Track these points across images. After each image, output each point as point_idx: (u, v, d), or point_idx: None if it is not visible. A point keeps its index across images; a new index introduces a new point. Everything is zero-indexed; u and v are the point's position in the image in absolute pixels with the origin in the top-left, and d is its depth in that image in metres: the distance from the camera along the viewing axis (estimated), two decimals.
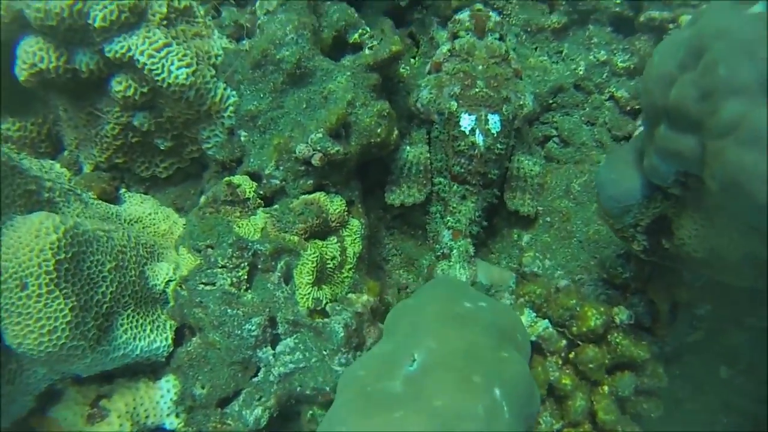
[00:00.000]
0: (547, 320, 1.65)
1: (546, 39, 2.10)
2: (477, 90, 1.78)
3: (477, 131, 1.76)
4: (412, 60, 2.14)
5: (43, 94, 1.92)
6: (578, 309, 1.63)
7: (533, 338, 1.62)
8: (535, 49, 2.10)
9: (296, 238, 1.67)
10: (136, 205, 1.97)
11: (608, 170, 1.41)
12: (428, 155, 1.90)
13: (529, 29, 2.10)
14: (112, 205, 1.91)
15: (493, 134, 1.77)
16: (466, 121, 1.76)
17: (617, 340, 1.61)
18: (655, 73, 1.20)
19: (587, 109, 2.05)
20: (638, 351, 1.60)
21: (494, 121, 1.76)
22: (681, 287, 1.70)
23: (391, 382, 1.26)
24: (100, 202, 1.88)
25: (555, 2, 2.07)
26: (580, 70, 2.04)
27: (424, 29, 2.14)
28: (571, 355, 1.65)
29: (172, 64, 1.74)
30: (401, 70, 2.02)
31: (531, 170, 1.92)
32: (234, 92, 1.84)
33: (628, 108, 2.00)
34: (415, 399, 1.18)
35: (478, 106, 1.77)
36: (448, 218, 1.88)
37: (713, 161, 1.10)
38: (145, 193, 2.03)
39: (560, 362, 1.63)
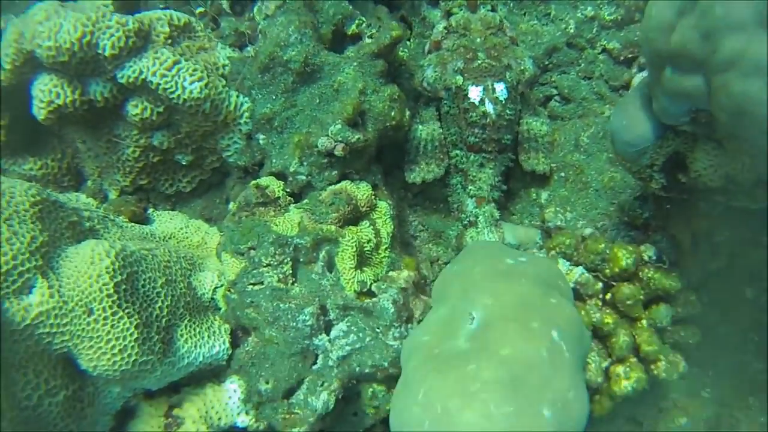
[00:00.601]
0: (581, 267, 1.81)
1: (533, 3, 2.24)
2: (479, 62, 1.92)
3: (486, 101, 1.91)
4: (407, 42, 2.27)
5: (59, 130, 2.03)
6: (608, 252, 1.79)
7: (571, 285, 1.78)
8: (524, 14, 2.25)
9: (333, 228, 1.81)
10: (166, 222, 2.10)
11: (620, 117, 1.57)
12: (441, 131, 2.04)
13: None
14: (144, 226, 2.03)
15: (501, 101, 1.92)
16: (475, 93, 1.91)
17: (649, 275, 1.78)
18: (654, 23, 1.35)
19: (582, 64, 2.21)
20: (670, 282, 1.77)
21: (501, 89, 1.91)
22: (699, 219, 1.87)
23: (456, 341, 1.41)
24: (134, 224, 2.00)
25: None
26: (570, 28, 2.20)
27: (414, 11, 2.28)
28: (608, 296, 1.82)
29: (184, 80, 1.87)
30: (400, 53, 2.16)
31: (540, 130, 2.07)
32: (246, 98, 1.97)
33: (621, 58, 2.16)
34: (483, 351, 1.34)
35: (484, 77, 1.91)
36: (470, 187, 2.03)
37: (720, 94, 1.25)
38: (172, 209, 2.16)
39: (600, 304, 1.80)
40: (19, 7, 2.33)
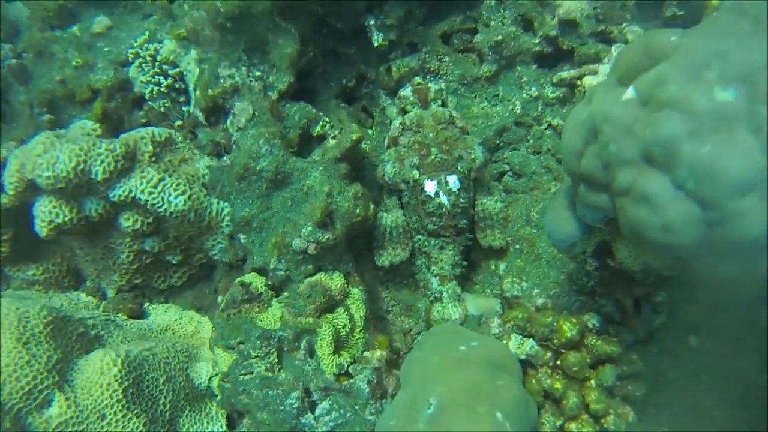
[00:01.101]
0: (531, 339, 2.15)
1: (482, 87, 2.59)
2: (433, 157, 2.26)
3: (441, 193, 2.25)
4: (369, 131, 2.62)
5: (58, 239, 2.37)
6: (555, 324, 2.13)
7: (523, 356, 2.12)
8: (475, 97, 2.60)
9: (311, 320, 2.15)
10: (162, 314, 2.43)
11: (551, 218, 1.91)
12: (403, 218, 2.38)
13: (465, 81, 2.59)
14: (142, 321, 2.37)
15: (455, 192, 2.25)
16: (430, 187, 2.25)
17: (593, 342, 2.12)
18: (567, 149, 1.69)
19: (531, 141, 2.54)
20: (611, 347, 2.11)
21: (453, 181, 2.25)
22: (637, 285, 2.21)
23: (417, 425, 1.75)
24: (132, 321, 2.34)
25: (482, 53, 2.56)
26: (517, 108, 2.54)
27: (373, 101, 2.63)
28: (558, 362, 2.15)
29: (169, 195, 2.20)
30: (362, 145, 2.50)
31: (494, 208, 2.41)
32: (226, 203, 2.31)
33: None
34: None
35: (437, 171, 2.25)
36: (433, 267, 2.37)
37: (620, 214, 1.59)
38: (166, 302, 2.50)
39: (549, 371, 2.14)
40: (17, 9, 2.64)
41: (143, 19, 2.64)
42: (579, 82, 2.38)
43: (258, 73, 2.32)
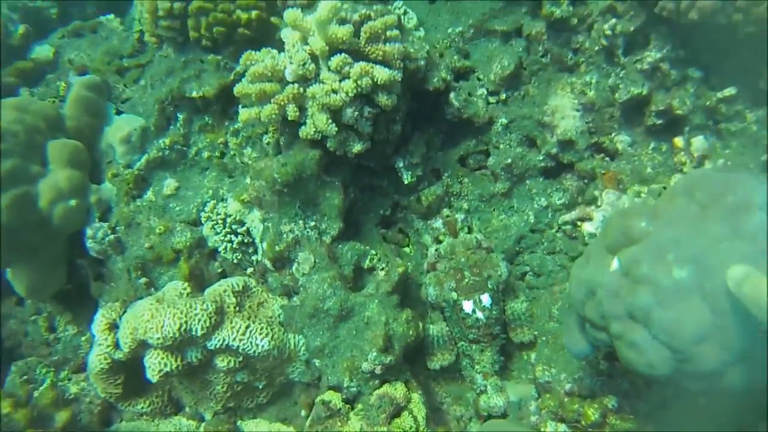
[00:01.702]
0: (564, 423, 2.79)
1: (499, 201, 3.22)
2: (467, 280, 2.89)
3: (476, 310, 2.88)
4: (407, 249, 3.26)
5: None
6: (581, 409, 2.77)
7: None
8: (494, 210, 3.22)
9: (384, 428, 2.80)
10: (254, 428, 3.08)
11: (568, 338, 2.54)
12: (447, 328, 3.02)
13: (484, 198, 3.22)
14: None
15: (488, 308, 2.89)
16: (467, 306, 2.88)
17: (613, 421, 2.76)
18: (573, 299, 2.32)
19: (545, 243, 3.17)
20: (628, 424, 2.75)
21: (486, 299, 2.88)
22: None
23: None
24: None
25: (496, 173, 3.18)
26: (531, 218, 3.16)
27: (408, 224, 3.27)
28: None
29: (256, 339, 2.84)
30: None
31: (520, 309, 3.04)
32: (301, 336, 2.95)
33: (573, 235, 3.12)
34: None
35: (472, 292, 2.89)
36: (476, 366, 3.01)
37: (616, 350, 2.22)
38: (254, 418, 3.14)
39: None
40: (107, 189, 3.29)
41: (202, 173, 3.28)
42: (579, 224, 3.01)
43: (313, 223, 2.95)
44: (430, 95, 3.16)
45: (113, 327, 2.92)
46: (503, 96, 3.23)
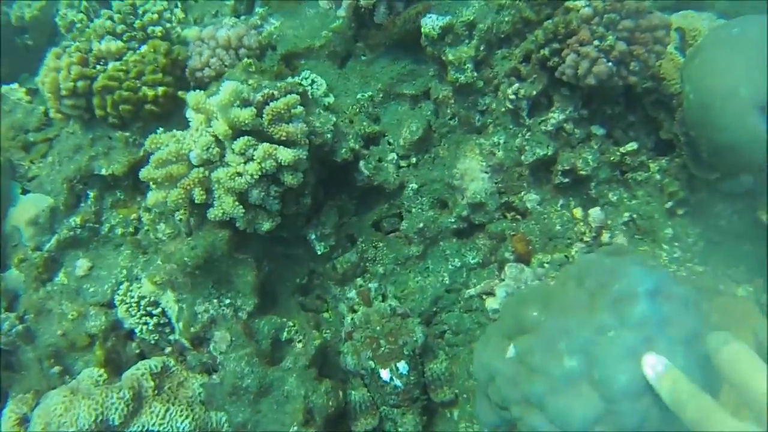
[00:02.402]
0: None
1: (414, 263, 3.41)
2: (383, 349, 3.07)
3: (394, 378, 3.06)
4: (326, 314, 3.41)
5: None
6: None
7: None
8: (409, 272, 3.42)
9: None
10: None
11: (479, 410, 2.72)
12: (368, 393, 3.19)
13: (399, 261, 3.41)
14: None
15: (405, 375, 3.07)
16: (385, 374, 3.05)
17: None
18: (477, 378, 2.51)
19: (461, 302, 3.37)
20: None
21: (402, 366, 3.06)
22: None
23: None
24: None
25: (409, 237, 3.37)
26: (446, 279, 3.36)
27: (324, 290, 3.43)
28: None
29: (176, 423, 2.96)
30: (323, 334, 3.29)
31: (439, 368, 3.23)
32: (223, 414, 3.07)
33: (483, 296, 3.33)
34: None
35: (389, 360, 3.06)
36: (400, 429, 3.18)
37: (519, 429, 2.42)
38: None
39: None
40: (13, 277, 3.36)
41: (116, 249, 3.38)
42: (483, 297, 3.22)
43: (228, 301, 3.09)
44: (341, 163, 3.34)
45: (24, 421, 3.00)
46: (413, 160, 3.44)
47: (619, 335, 2.23)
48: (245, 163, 2.88)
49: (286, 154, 2.86)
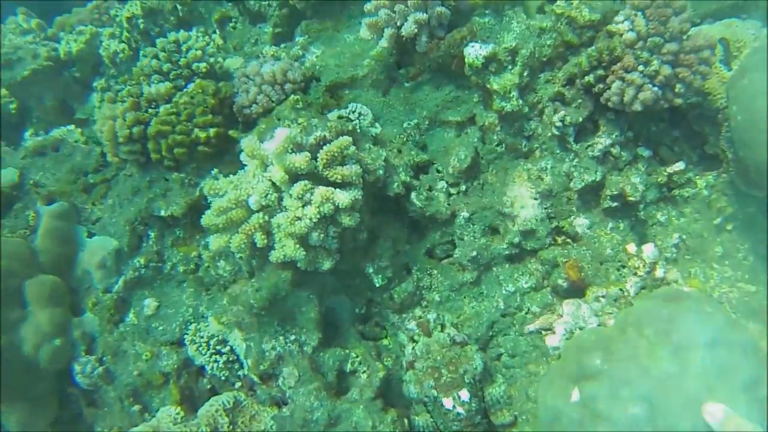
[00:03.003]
0: None
1: (468, 289, 3.60)
2: (444, 378, 3.28)
3: (456, 406, 3.27)
4: (385, 341, 3.63)
5: None
6: None
7: None
8: (464, 298, 3.60)
9: None
10: None
11: None
12: (432, 419, 3.41)
13: (454, 288, 3.60)
14: None
15: (467, 402, 3.28)
16: (448, 403, 3.27)
17: None
18: (541, 417, 2.71)
19: (516, 326, 3.56)
20: None
21: (465, 395, 3.27)
22: None
23: None
24: None
25: (463, 264, 3.55)
26: (501, 304, 3.55)
27: (383, 317, 3.64)
28: None
29: None
30: (385, 362, 3.51)
31: (498, 393, 3.43)
32: None
33: (539, 320, 3.51)
34: None
35: (451, 389, 3.27)
36: None
37: None
38: None
39: None
40: (89, 320, 3.66)
41: (179, 286, 3.62)
42: (543, 333, 3.40)
43: (293, 337, 3.32)
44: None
45: None
46: (463, 187, 3.61)
47: (681, 384, 2.41)
48: (303, 206, 3.07)
49: (343, 198, 3.05)
